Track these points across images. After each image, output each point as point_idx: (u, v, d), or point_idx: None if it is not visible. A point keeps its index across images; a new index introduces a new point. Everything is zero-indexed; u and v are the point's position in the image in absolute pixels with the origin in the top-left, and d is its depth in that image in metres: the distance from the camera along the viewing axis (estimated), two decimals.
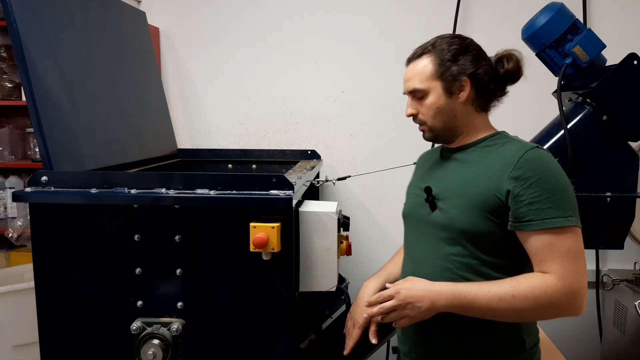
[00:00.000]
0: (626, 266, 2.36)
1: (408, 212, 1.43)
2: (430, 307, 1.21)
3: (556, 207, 1.16)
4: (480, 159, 1.29)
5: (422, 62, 1.31)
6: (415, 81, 1.31)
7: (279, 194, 1.32)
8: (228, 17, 2.53)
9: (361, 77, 2.48)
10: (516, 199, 1.18)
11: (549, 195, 1.16)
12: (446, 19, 2.38)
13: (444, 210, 1.29)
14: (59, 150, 1.43)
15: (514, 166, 1.20)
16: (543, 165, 1.20)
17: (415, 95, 1.32)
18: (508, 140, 1.31)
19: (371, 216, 2.53)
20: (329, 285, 1.43)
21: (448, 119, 1.31)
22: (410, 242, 1.41)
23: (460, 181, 1.29)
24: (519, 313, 1.17)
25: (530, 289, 1.15)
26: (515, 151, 1.23)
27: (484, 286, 1.19)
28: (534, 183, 1.17)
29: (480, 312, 1.19)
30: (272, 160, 2.37)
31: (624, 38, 2.18)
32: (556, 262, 1.15)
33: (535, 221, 1.16)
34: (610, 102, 1.58)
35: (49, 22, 1.52)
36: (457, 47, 1.29)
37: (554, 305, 1.15)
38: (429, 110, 1.31)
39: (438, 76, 1.29)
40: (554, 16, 1.57)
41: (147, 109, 2.12)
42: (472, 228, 1.23)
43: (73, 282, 1.38)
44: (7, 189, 2.45)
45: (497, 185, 1.21)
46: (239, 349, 1.38)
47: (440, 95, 1.30)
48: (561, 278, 1.14)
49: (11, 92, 2.45)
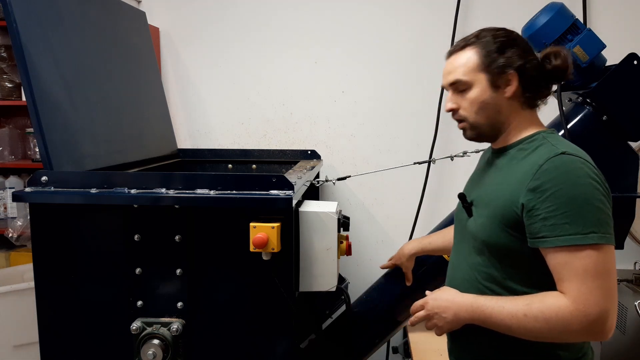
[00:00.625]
0: (626, 266, 2.35)
1: (457, 213, 1.38)
2: (455, 318, 1.19)
3: (574, 223, 1.05)
4: (510, 165, 1.21)
5: (465, 54, 1.22)
6: (458, 73, 1.22)
7: (279, 194, 1.31)
8: (228, 17, 2.53)
9: (361, 77, 2.48)
10: (530, 214, 1.09)
11: (566, 210, 1.05)
12: (446, 19, 2.38)
13: (475, 218, 1.24)
14: (59, 150, 1.43)
15: (532, 177, 1.10)
16: (564, 175, 1.08)
17: (457, 89, 1.23)
18: (544, 142, 1.18)
19: (371, 216, 2.53)
20: (329, 285, 1.43)
21: (492, 115, 1.22)
22: (455, 246, 1.38)
23: (489, 189, 1.23)
24: (531, 332, 1.10)
25: (542, 310, 1.07)
26: (538, 158, 1.12)
27: (501, 301, 1.14)
28: (550, 196, 1.07)
29: (498, 327, 1.14)
30: (272, 160, 2.37)
31: (624, 38, 2.18)
32: (571, 283, 1.06)
33: (550, 238, 1.07)
34: (610, 102, 1.58)
35: (49, 22, 1.52)
36: (503, 39, 1.21)
37: (567, 328, 1.06)
38: (472, 104, 1.21)
39: (483, 68, 1.20)
40: (554, 16, 1.57)
41: (147, 109, 2.12)
42: (492, 240, 1.18)
43: (73, 282, 1.38)
44: (7, 189, 2.45)
45: (514, 197, 1.12)
46: (239, 349, 1.38)
47: (485, 89, 1.20)
48: (574, 300, 1.05)
49: (11, 92, 2.45)
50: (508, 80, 1.20)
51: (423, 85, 2.42)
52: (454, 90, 1.24)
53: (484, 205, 1.22)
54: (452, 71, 1.24)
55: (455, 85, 1.23)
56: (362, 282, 1.97)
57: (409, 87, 2.44)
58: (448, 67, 1.26)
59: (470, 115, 1.23)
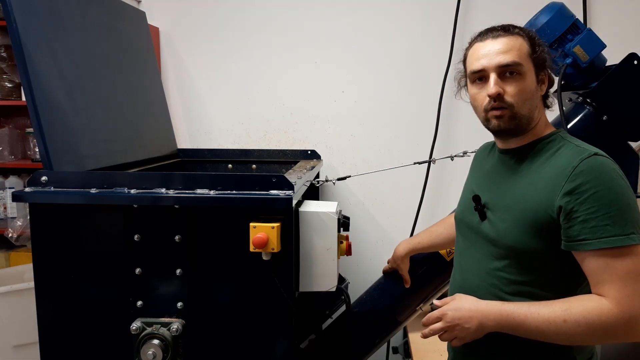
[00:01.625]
0: None
1: (460, 216, 1.34)
2: (479, 327, 1.14)
3: (615, 224, 1.03)
4: (533, 167, 1.17)
5: (517, 40, 1.15)
6: (515, 55, 1.13)
7: (279, 194, 1.31)
8: (228, 17, 2.53)
9: (361, 77, 2.47)
10: (569, 216, 1.06)
11: (607, 211, 1.04)
12: (446, 19, 2.38)
13: (493, 222, 1.20)
14: (59, 150, 1.43)
15: (567, 179, 1.07)
16: (601, 176, 1.06)
17: (506, 73, 1.14)
18: (564, 143, 1.17)
19: (371, 216, 2.53)
20: (329, 285, 1.43)
21: (532, 108, 1.16)
22: (461, 249, 1.33)
23: (511, 192, 1.18)
24: (570, 337, 1.07)
25: (583, 314, 1.04)
26: (569, 160, 1.10)
27: (534, 307, 1.09)
28: (589, 197, 1.04)
29: (530, 334, 1.10)
30: (272, 160, 2.37)
31: (624, 38, 2.18)
32: (614, 286, 1.03)
33: (591, 240, 1.04)
34: (611, 102, 1.58)
35: (49, 22, 1.52)
36: (538, 37, 1.19)
37: (609, 332, 1.04)
38: (522, 93, 1.13)
39: (533, 59, 1.15)
40: (554, 16, 1.57)
41: (147, 109, 2.12)
42: (520, 246, 1.13)
43: (73, 282, 1.38)
44: (7, 189, 2.45)
45: (548, 201, 1.09)
46: (239, 349, 1.38)
47: (533, 80, 1.16)
48: (618, 303, 1.03)
49: (11, 92, 2.45)
50: (544, 77, 1.18)
51: (423, 85, 2.41)
52: (501, 74, 1.15)
53: (505, 209, 1.18)
54: (507, 52, 1.14)
55: (509, 68, 1.14)
56: (362, 282, 1.97)
57: (409, 87, 2.44)
58: (495, 47, 1.15)
59: (517, 103, 1.14)
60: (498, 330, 1.13)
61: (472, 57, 1.20)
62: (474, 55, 1.19)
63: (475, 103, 1.21)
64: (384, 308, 1.77)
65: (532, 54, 1.16)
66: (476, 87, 1.20)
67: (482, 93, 1.17)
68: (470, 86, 1.22)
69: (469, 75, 1.22)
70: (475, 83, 1.20)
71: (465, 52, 1.25)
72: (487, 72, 1.16)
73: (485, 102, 1.17)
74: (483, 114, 1.19)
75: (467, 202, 1.31)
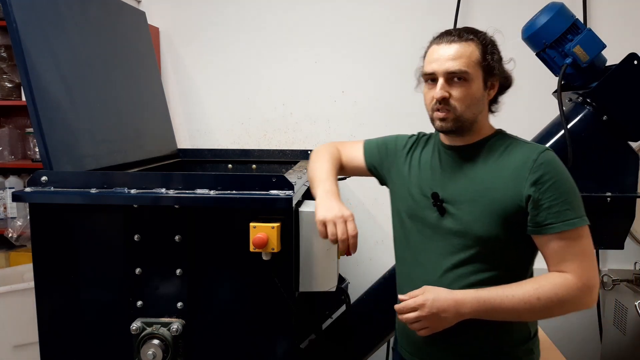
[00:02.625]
0: (626, 266, 2.35)
1: (412, 213, 1.35)
2: (456, 316, 1.19)
3: (572, 209, 1.18)
4: (490, 162, 1.26)
5: (468, 47, 1.22)
6: (462, 63, 1.20)
7: (279, 194, 1.31)
8: (228, 17, 2.53)
9: (361, 77, 2.47)
10: (535, 204, 1.18)
11: (566, 198, 1.18)
12: (446, 19, 2.38)
13: (457, 216, 1.25)
14: (59, 150, 1.43)
15: (530, 170, 1.19)
16: (557, 168, 1.20)
17: (453, 78, 1.22)
18: (511, 140, 1.28)
19: (371, 216, 2.53)
20: (329, 285, 1.43)
21: (476, 112, 1.25)
22: (417, 246, 1.34)
23: (473, 186, 1.25)
24: (542, 313, 1.19)
25: (554, 290, 1.16)
26: (528, 154, 1.22)
27: (508, 290, 1.18)
28: (551, 186, 1.17)
29: (505, 316, 1.20)
30: (272, 160, 2.37)
31: (624, 38, 2.18)
32: (574, 262, 1.18)
33: (556, 224, 1.17)
34: (611, 102, 1.58)
35: (49, 22, 1.52)
36: (492, 43, 1.26)
37: (576, 302, 1.18)
38: (467, 98, 1.22)
39: (482, 66, 1.23)
40: (554, 16, 1.57)
41: (147, 109, 2.12)
42: (488, 234, 1.22)
43: (73, 282, 1.38)
44: (7, 189, 2.45)
45: (516, 190, 1.20)
46: (239, 349, 1.38)
47: (480, 87, 1.23)
48: (579, 276, 1.17)
49: (11, 92, 2.45)
50: (494, 82, 1.26)
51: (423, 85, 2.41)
52: (449, 78, 1.22)
53: (470, 202, 1.24)
54: (456, 59, 1.21)
55: (456, 74, 1.21)
56: (362, 282, 1.96)
57: (409, 87, 2.43)
58: (447, 53, 1.22)
59: (460, 107, 1.22)
60: (474, 317, 1.19)
61: (427, 58, 1.28)
62: (429, 57, 1.27)
63: (426, 101, 1.30)
64: (384, 308, 1.77)
65: (482, 62, 1.23)
66: (427, 87, 1.28)
67: (431, 93, 1.26)
68: (424, 84, 1.31)
69: (422, 74, 1.30)
70: (427, 83, 1.28)
71: (426, 50, 1.31)
72: (436, 76, 1.23)
73: (432, 103, 1.26)
74: (430, 113, 1.28)
75: (418, 198, 1.33)
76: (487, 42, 1.25)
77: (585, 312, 2.43)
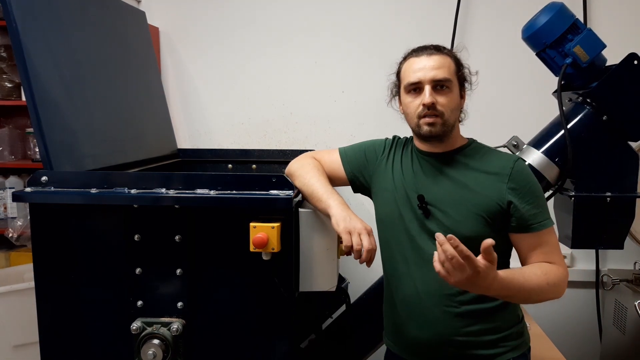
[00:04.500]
0: (626, 266, 2.35)
1: (397, 215, 1.40)
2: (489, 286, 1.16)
3: (544, 211, 1.34)
4: (470, 168, 1.36)
5: (446, 59, 1.35)
6: (445, 72, 1.33)
7: (279, 194, 1.32)
8: (228, 17, 2.53)
9: (361, 77, 2.47)
10: (516, 208, 1.31)
11: (538, 202, 1.33)
12: (446, 19, 2.38)
13: (443, 218, 1.34)
14: (59, 150, 1.43)
15: (508, 177, 1.32)
16: (529, 176, 1.36)
17: (438, 86, 1.33)
18: (485, 149, 1.41)
19: (371, 216, 2.52)
20: (329, 285, 1.43)
21: (457, 118, 1.38)
22: (404, 247, 1.40)
23: (457, 189, 1.35)
24: (546, 296, 1.29)
25: (557, 277, 1.29)
26: (504, 163, 1.35)
27: (525, 275, 1.26)
28: (527, 192, 1.32)
29: (518, 298, 1.30)
30: (272, 160, 2.37)
31: (624, 38, 2.18)
32: (554, 254, 1.34)
33: (535, 224, 1.32)
34: (610, 102, 1.58)
35: (49, 22, 1.52)
36: (460, 59, 1.39)
37: (562, 289, 1.32)
38: (451, 103, 1.33)
39: (457, 76, 1.36)
40: (554, 16, 1.57)
41: (147, 109, 2.12)
42: (475, 234, 1.29)
43: (73, 282, 1.38)
44: (7, 189, 2.45)
45: (498, 194, 1.32)
46: (239, 349, 1.38)
47: (458, 95, 1.36)
48: (563, 266, 1.33)
49: (11, 92, 2.45)
50: (464, 93, 1.39)
51: None
52: (434, 87, 1.32)
53: (454, 204, 1.33)
54: (440, 68, 1.32)
55: (441, 82, 1.32)
56: (362, 282, 1.96)
57: None
58: (430, 63, 1.33)
59: (447, 112, 1.32)
60: (495, 296, 1.26)
61: (409, 70, 1.36)
62: (410, 68, 1.36)
63: (408, 110, 1.38)
64: None
65: (458, 72, 1.36)
66: (410, 97, 1.36)
67: (416, 102, 1.34)
68: (405, 95, 1.38)
69: (405, 86, 1.37)
70: (410, 93, 1.36)
71: (400, 65, 1.43)
72: (422, 84, 1.33)
73: (419, 110, 1.34)
74: (416, 120, 1.36)
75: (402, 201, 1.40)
76: (457, 56, 1.39)
77: (585, 312, 2.43)
